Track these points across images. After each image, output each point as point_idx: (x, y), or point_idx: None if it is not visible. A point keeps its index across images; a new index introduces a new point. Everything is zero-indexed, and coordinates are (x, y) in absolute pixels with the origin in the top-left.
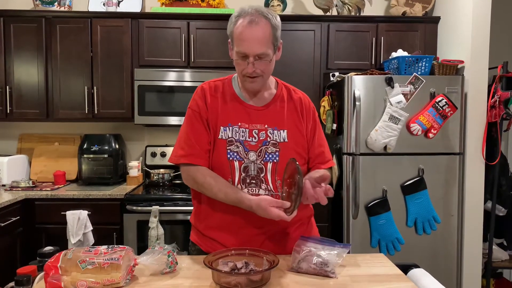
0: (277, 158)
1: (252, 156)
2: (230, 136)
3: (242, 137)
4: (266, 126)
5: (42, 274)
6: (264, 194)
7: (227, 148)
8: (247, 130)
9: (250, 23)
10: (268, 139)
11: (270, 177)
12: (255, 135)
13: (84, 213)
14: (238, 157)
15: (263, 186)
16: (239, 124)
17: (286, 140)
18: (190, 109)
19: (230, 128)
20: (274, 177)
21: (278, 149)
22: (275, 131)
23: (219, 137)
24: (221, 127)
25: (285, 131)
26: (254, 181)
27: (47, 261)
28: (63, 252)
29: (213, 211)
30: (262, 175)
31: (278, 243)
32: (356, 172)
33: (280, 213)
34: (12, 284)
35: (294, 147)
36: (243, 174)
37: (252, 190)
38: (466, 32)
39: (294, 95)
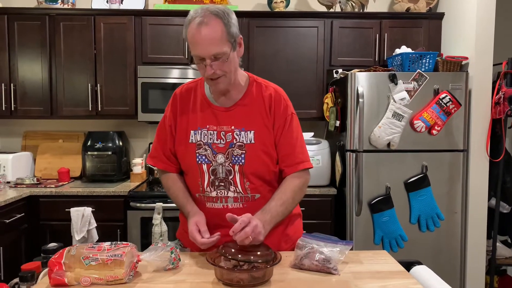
0: (243, 161)
1: (220, 158)
2: (199, 139)
3: (210, 140)
4: (233, 127)
5: (46, 270)
6: (233, 197)
7: (196, 151)
8: (215, 132)
9: (199, 24)
10: (235, 141)
11: (239, 179)
12: (223, 137)
13: (88, 210)
14: (206, 160)
15: (232, 188)
16: (208, 126)
17: (253, 141)
18: (164, 114)
19: (199, 131)
20: (242, 180)
21: (244, 151)
22: (242, 132)
23: (190, 141)
24: (191, 131)
25: (252, 132)
26: (222, 184)
27: (51, 257)
28: (67, 249)
29: (184, 223)
30: (230, 177)
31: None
32: (359, 169)
33: (195, 237)
34: (16, 280)
35: (262, 147)
36: (212, 177)
37: (221, 193)
38: (470, 28)
39: (264, 92)
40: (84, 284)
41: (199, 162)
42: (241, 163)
